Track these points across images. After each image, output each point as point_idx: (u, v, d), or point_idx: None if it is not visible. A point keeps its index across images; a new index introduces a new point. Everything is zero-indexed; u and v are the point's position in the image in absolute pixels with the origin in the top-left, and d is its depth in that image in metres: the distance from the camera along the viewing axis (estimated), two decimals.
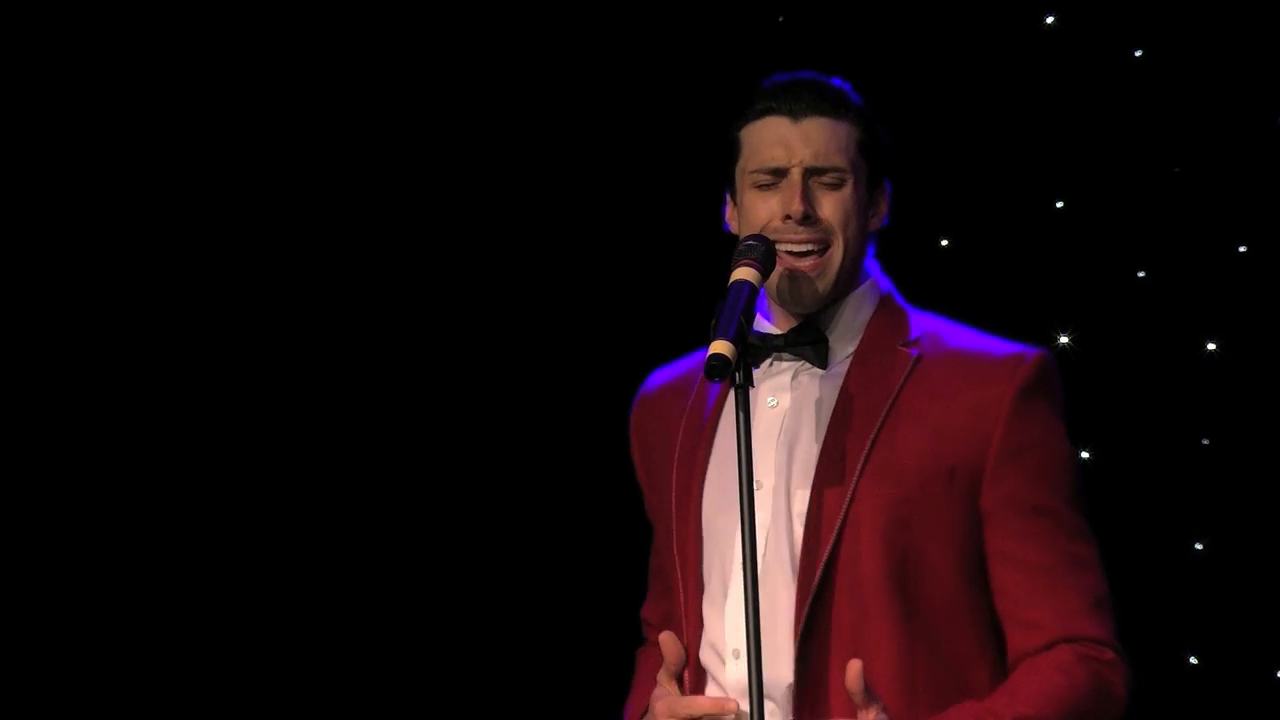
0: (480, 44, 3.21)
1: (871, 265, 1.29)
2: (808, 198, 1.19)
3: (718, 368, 1.08)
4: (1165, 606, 4.94)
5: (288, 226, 3.18)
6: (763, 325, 1.25)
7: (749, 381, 1.11)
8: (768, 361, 1.23)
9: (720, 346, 1.09)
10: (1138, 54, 7.09)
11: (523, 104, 3.21)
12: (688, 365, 1.34)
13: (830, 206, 1.21)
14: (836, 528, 1.13)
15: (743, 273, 1.14)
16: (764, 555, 1.14)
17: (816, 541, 1.14)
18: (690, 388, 1.30)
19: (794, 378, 1.22)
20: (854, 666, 1.07)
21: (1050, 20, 6.54)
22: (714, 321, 1.12)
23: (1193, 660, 4.13)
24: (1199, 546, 5.80)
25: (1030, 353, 1.19)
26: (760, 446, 1.18)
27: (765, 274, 1.17)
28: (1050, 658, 1.13)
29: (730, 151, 1.27)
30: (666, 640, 1.17)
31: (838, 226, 1.21)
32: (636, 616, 1.45)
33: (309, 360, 3.22)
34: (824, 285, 1.21)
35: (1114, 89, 7.80)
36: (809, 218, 1.19)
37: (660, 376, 1.38)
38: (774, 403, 1.21)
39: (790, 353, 1.21)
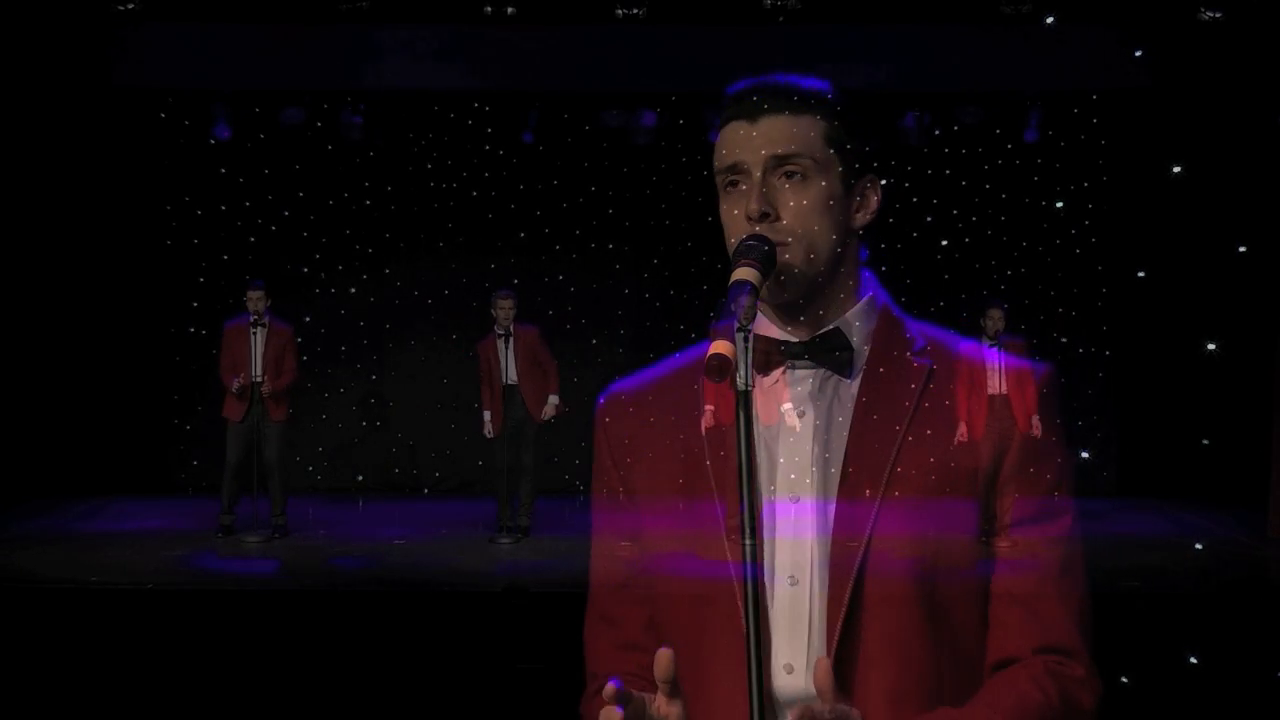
0: None
1: (865, 272, 1.26)
2: (767, 197, 1.17)
3: (718, 368, 1.06)
4: (1165, 607, 4.96)
5: None
6: (775, 332, 1.22)
7: (750, 383, 1.09)
8: (781, 369, 1.21)
9: (721, 347, 1.06)
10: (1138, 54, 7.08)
11: None
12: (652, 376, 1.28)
13: (791, 203, 1.18)
14: (864, 542, 1.15)
15: (743, 273, 1.11)
16: (809, 570, 1.17)
17: (845, 556, 1.15)
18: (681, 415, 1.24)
19: (819, 388, 1.20)
20: (822, 665, 1.06)
21: (1050, 20, 6.58)
22: (714, 321, 1.10)
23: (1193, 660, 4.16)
24: (1199, 547, 5.84)
25: (1039, 370, 1.22)
26: (796, 460, 1.19)
27: (766, 274, 1.13)
28: (1025, 669, 1.15)
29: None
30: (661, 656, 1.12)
31: (798, 225, 1.17)
32: None
33: None
34: (787, 284, 1.17)
35: (1114, 89, 7.78)
36: (766, 216, 1.16)
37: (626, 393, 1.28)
38: (803, 412, 1.20)
39: (812, 361, 1.20)
